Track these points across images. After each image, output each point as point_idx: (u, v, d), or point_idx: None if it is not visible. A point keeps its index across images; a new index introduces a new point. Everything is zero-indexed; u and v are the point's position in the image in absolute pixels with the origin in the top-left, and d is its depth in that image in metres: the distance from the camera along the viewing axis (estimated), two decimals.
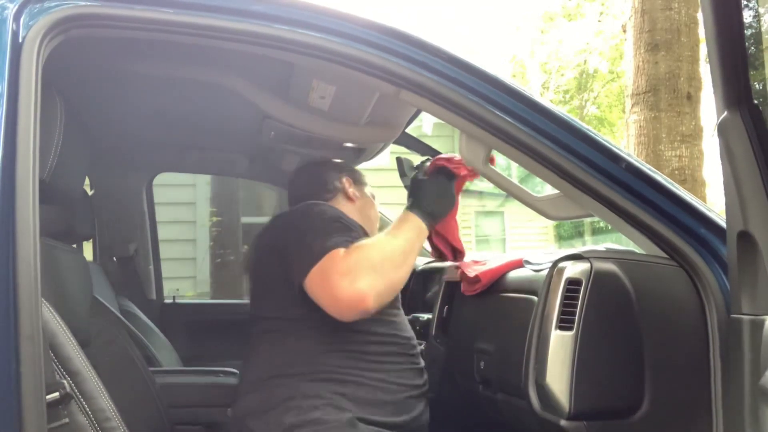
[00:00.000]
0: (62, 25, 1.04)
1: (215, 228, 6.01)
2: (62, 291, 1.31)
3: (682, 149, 4.21)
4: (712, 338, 1.17)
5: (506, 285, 1.57)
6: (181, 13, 1.11)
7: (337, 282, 1.30)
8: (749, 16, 1.12)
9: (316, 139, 2.02)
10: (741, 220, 1.06)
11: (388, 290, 1.37)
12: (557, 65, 13.89)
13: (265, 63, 1.61)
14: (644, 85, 4.25)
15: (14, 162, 0.96)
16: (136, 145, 2.49)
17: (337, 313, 1.35)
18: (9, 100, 0.98)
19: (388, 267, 1.35)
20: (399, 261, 1.39)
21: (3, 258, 0.93)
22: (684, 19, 4.22)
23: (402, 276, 1.40)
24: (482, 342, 1.57)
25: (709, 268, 1.19)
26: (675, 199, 1.23)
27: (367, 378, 1.42)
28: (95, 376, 1.09)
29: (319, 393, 1.38)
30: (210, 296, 6.22)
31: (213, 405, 1.96)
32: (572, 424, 1.17)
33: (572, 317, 1.19)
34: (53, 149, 1.21)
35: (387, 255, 1.37)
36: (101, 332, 1.54)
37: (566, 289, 1.21)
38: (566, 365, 1.17)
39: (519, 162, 1.25)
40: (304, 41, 1.16)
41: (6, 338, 0.92)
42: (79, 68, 1.56)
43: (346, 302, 1.31)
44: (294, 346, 1.44)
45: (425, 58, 1.21)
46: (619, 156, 1.23)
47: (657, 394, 1.19)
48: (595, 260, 1.22)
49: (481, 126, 1.23)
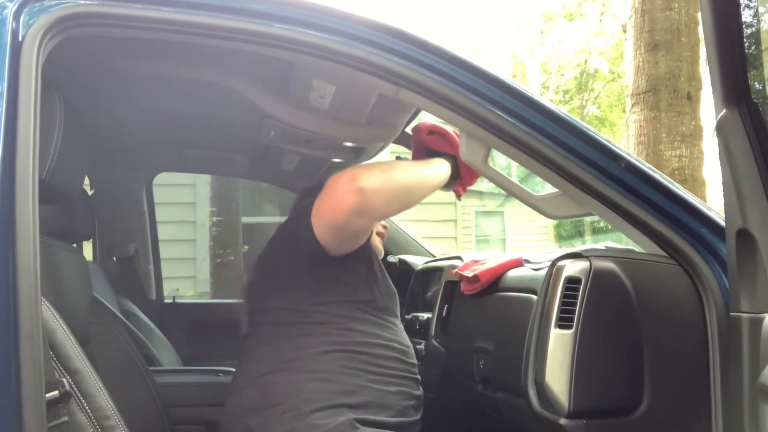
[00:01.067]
0: (62, 23, 1.04)
1: (215, 228, 6.01)
2: (62, 290, 1.31)
3: (682, 149, 4.21)
4: (712, 336, 1.17)
5: (506, 284, 1.57)
6: (181, 12, 1.11)
7: (336, 178, 1.30)
8: (748, 15, 1.12)
9: (316, 139, 2.02)
10: (740, 218, 1.06)
11: (389, 188, 1.34)
12: (557, 65, 13.89)
13: (265, 62, 1.61)
14: (644, 85, 4.25)
15: (14, 161, 0.96)
16: (136, 145, 2.49)
17: (333, 206, 1.31)
18: (9, 99, 0.98)
19: (396, 172, 1.36)
20: (411, 173, 1.40)
21: (3, 258, 0.93)
22: (684, 19, 4.22)
23: (409, 184, 1.39)
24: (482, 341, 1.57)
25: (709, 266, 1.19)
26: (674, 198, 1.23)
27: (368, 380, 1.41)
28: (95, 375, 1.09)
29: (320, 394, 1.37)
30: (210, 296, 6.23)
31: (213, 405, 1.96)
32: (571, 423, 1.17)
33: (572, 316, 1.19)
34: (52, 149, 1.21)
35: (399, 167, 1.38)
36: (101, 332, 1.54)
37: (566, 287, 1.21)
38: (566, 364, 1.17)
39: (519, 161, 1.25)
40: (304, 40, 1.16)
41: (6, 337, 0.92)
42: (79, 67, 1.56)
43: (342, 185, 1.29)
44: (296, 343, 1.41)
45: (425, 57, 1.21)
46: (619, 155, 1.23)
47: (656, 393, 1.19)
48: (594, 259, 1.22)
49: (480, 125, 1.23)
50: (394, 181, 1.35)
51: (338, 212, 1.31)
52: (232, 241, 5.92)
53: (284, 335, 1.44)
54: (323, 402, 1.35)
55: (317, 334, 1.41)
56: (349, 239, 1.41)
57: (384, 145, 2.15)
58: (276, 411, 1.36)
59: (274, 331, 1.45)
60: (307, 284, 1.43)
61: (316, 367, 1.39)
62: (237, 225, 6.00)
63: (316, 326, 1.42)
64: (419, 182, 1.42)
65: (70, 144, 1.27)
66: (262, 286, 1.54)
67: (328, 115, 1.86)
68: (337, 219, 1.32)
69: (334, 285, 1.45)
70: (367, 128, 1.95)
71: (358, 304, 1.46)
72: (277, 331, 1.45)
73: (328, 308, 1.43)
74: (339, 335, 1.41)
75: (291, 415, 1.34)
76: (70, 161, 1.30)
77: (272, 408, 1.37)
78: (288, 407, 1.35)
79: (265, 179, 3.01)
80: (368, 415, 1.37)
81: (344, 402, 1.36)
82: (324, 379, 1.38)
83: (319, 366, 1.39)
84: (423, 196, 1.43)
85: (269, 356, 1.43)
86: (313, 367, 1.39)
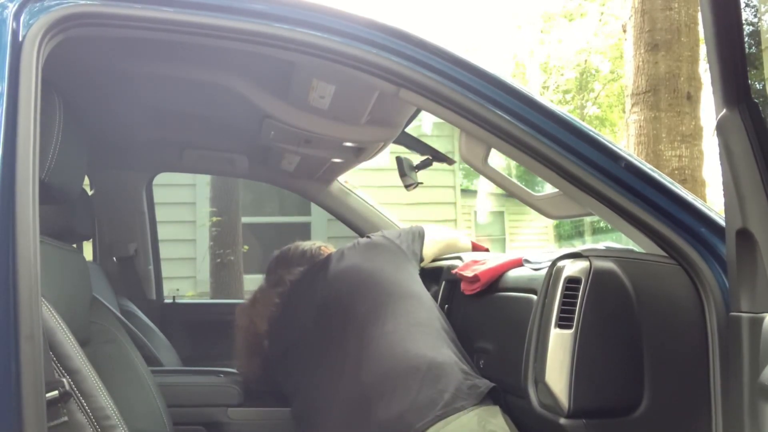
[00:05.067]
0: (62, 23, 1.04)
1: (215, 228, 6.00)
2: (61, 290, 1.31)
3: (682, 149, 4.21)
4: (712, 336, 1.17)
5: (506, 284, 1.57)
6: (181, 12, 1.11)
7: None
8: (749, 15, 1.12)
9: (316, 139, 2.02)
10: (740, 217, 1.06)
11: None
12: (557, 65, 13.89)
13: (265, 62, 1.61)
14: (644, 85, 4.25)
15: (14, 162, 0.96)
16: (136, 145, 2.49)
17: None
18: (9, 99, 0.98)
19: None
20: None
21: (3, 258, 0.93)
22: (684, 19, 4.22)
23: None
24: (482, 341, 1.57)
25: (709, 266, 1.19)
26: (674, 198, 1.23)
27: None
28: (95, 375, 1.09)
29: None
30: (210, 296, 6.22)
31: (213, 405, 1.96)
32: (571, 423, 1.17)
33: (571, 316, 1.19)
34: (52, 149, 1.21)
35: None
36: (101, 332, 1.54)
37: (565, 287, 1.21)
38: (565, 364, 1.17)
39: (519, 161, 1.25)
40: (304, 40, 1.16)
41: (6, 337, 0.92)
42: (79, 67, 1.56)
43: None
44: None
45: (425, 57, 1.21)
46: (619, 155, 1.23)
47: (656, 392, 1.19)
48: (594, 259, 1.22)
49: (480, 125, 1.23)
50: None
51: None
52: (232, 241, 5.91)
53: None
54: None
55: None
56: None
57: (384, 145, 2.15)
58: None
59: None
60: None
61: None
62: (237, 225, 6.00)
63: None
64: None
65: (70, 144, 1.27)
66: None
67: (328, 115, 1.86)
68: None
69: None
70: (367, 128, 1.95)
71: None
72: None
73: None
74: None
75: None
76: (70, 161, 1.30)
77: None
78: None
79: (265, 179, 3.00)
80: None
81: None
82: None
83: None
84: None
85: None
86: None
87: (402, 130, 2.09)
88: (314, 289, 1.71)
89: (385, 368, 1.42)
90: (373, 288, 1.59)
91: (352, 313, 1.57)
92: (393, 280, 1.61)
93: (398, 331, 1.47)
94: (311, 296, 1.71)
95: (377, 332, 1.48)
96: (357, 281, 1.63)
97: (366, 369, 1.45)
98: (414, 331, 1.48)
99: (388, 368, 1.42)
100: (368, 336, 1.49)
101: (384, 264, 1.66)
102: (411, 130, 2.28)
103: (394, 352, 1.43)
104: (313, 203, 2.96)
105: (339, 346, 1.56)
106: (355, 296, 1.60)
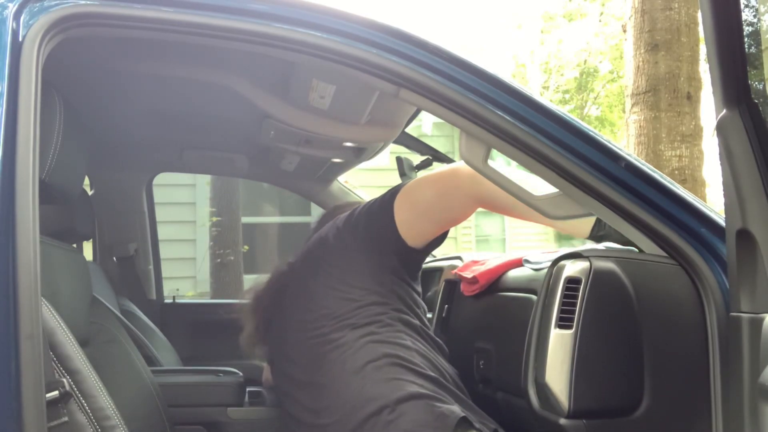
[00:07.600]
0: (62, 24, 1.04)
1: (215, 228, 6.01)
2: (62, 290, 1.31)
3: (682, 149, 4.21)
4: (712, 337, 1.17)
5: (506, 284, 1.57)
6: (181, 12, 1.11)
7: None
8: (749, 15, 1.12)
9: (316, 139, 2.02)
10: (740, 218, 1.06)
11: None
12: (557, 65, 13.89)
13: (265, 62, 1.61)
14: (644, 85, 4.25)
15: (14, 162, 0.96)
16: (136, 145, 2.49)
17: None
18: (9, 99, 0.98)
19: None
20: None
21: (3, 258, 0.93)
22: (684, 19, 4.22)
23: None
24: (482, 341, 1.57)
25: (709, 266, 1.19)
26: (674, 198, 1.23)
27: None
28: (95, 375, 1.09)
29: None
30: (210, 296, 6.23)
31: (213, 405, 1.96)
32: (571, 423, 1.17)
33: (572, 316, 1.19)
34: (52, 149, 1.21)
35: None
36: (101, 332, 1.54)
37: (566, 287, 1.21)
38: (566, 364, 1.17)
39: (519, 161, 1.25)
40: (303, 40, 1.16)
41: (6, 337, 0.92)
42: (79, 67, 1.57)
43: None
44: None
45: (425, 57, 1.21)
46: (619, 155, 1.23)
47: (656, 393, 1.19)
48: (594, 259, 1.22)
49: (480, 125, 1.23)
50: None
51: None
52: (232, 241, 5.92)
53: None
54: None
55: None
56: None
57: (384, 145, 2.15)
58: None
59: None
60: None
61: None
62: (237, 225, 6.01)
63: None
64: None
65: (70, 144, 1.27)
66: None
67: (328, 115, 1.86)
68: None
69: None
70: (367, 128, 1.95)
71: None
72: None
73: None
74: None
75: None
76: (70, 161, 1.31)
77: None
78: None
79: (265, 179, 3.01)
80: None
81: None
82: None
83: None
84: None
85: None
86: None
87: (402, 130, 2.09)
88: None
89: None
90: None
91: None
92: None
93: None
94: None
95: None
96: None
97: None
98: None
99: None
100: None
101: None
102: (411, 130, 2.28)
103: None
104: (313, 203, 2.97)
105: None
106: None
